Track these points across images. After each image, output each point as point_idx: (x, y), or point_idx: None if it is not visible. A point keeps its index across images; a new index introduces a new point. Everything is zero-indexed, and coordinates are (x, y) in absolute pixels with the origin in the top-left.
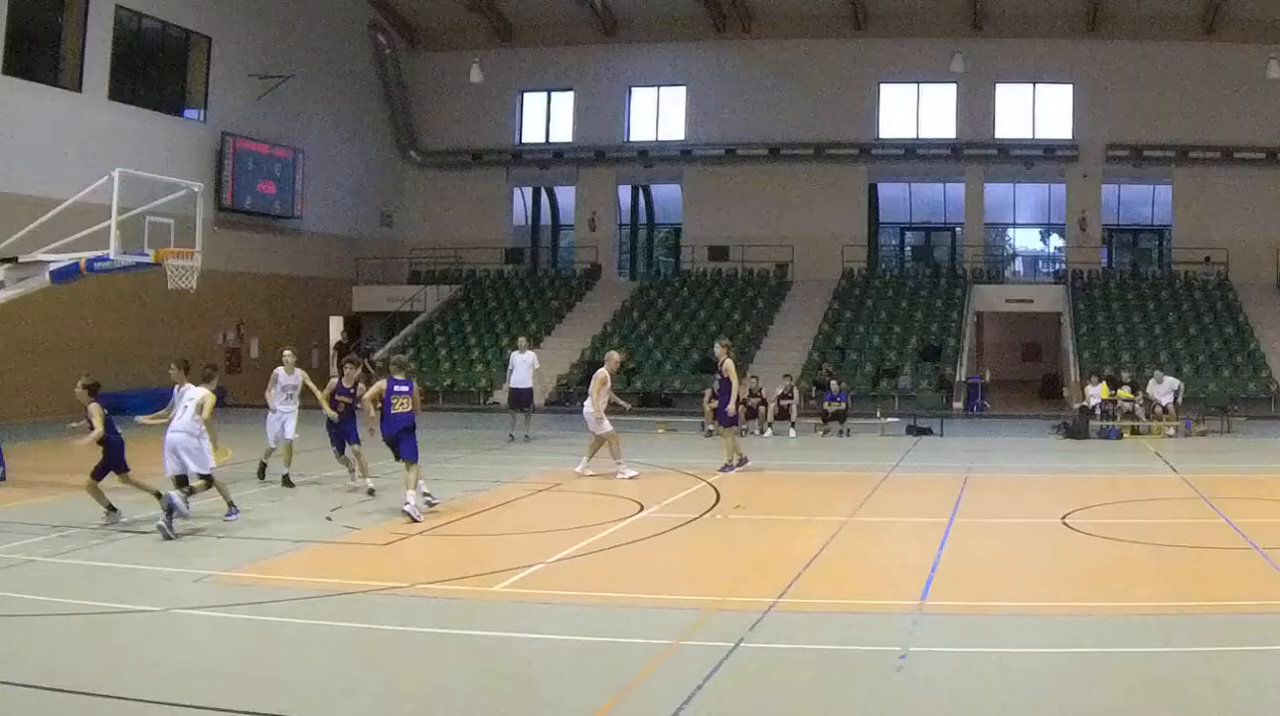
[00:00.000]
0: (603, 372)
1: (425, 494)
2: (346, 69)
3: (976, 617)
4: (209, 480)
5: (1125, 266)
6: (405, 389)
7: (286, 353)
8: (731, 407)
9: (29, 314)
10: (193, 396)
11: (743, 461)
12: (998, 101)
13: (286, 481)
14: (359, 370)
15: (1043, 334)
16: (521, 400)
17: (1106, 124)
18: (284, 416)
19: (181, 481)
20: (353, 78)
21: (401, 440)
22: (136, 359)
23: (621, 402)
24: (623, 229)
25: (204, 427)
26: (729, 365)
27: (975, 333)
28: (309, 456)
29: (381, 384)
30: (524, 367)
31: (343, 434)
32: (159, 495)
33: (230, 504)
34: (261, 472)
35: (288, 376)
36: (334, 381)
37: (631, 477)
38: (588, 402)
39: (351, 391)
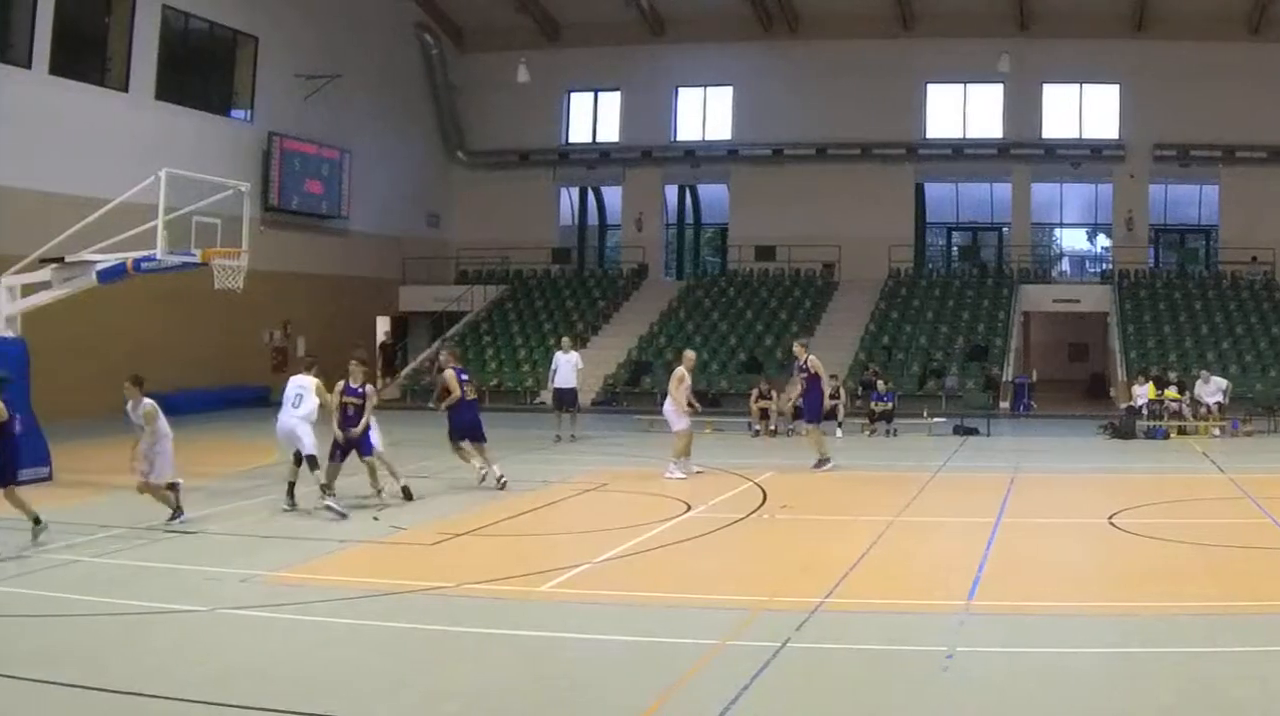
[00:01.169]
0: (680, 370)
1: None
2: (393, 69)
3: (1023, 617)
4: (313, 461)
5: (1172, 266)
6: (466, 376)
7: (352, 363)
8: (827, 403)
9: (75, 313)
10: (305, 385)
11: (822, 462)
12: (1044, 101)
13: (407, 494)
14: (365, 368)
15: (1089, 334)
16: (566, 400)
17: (1153, 124)
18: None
19: (311, 460)
20: (400, 78)
21: (476, 424)
22: (183, 359)
23: (694, 403)
24: (669, 229)
25: (325, 411)
26: (814, 361)
27: (1022, 332)
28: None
29: (452, 375)
30: (568, 368)
31: (351, 444)
32: (36, 521)
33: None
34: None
35: (354, 388)
36: (341, 383)
37: (679, 479)
38: (667, 402)
39: (360, 391)
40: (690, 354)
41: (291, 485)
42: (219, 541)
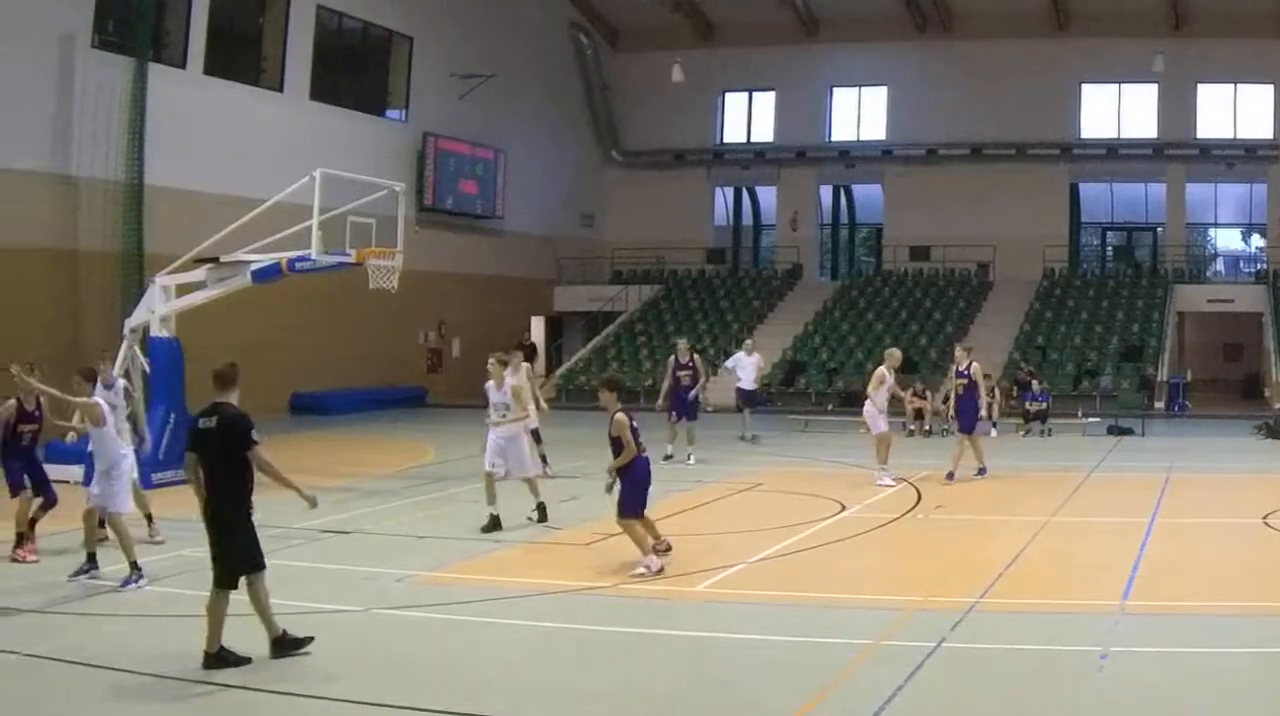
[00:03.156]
0: (881, 370)
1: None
2: (548, 69)
3: (1178, 617)
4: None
5: None
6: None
7: (491, 361)
8: (983, 410)
9: (230, 314)
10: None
11: (979, 471)
12: (1199, 101)
13: (543, 513)
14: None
15: (1244, 334)
16: (752, 400)
17: None
18: (501, 441)
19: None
20: (554, 77)
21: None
22: (338, 359)
23: (904, 397)
24: (824, 229)
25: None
26: (977, 368)
27: (1176, 333)
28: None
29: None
30: (750, 368)
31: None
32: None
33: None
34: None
35: (496, 392)
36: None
37: (888, 486)
38: (867, 403)
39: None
40: (894, 352)
41: (543, 457)
42: (374, 541)
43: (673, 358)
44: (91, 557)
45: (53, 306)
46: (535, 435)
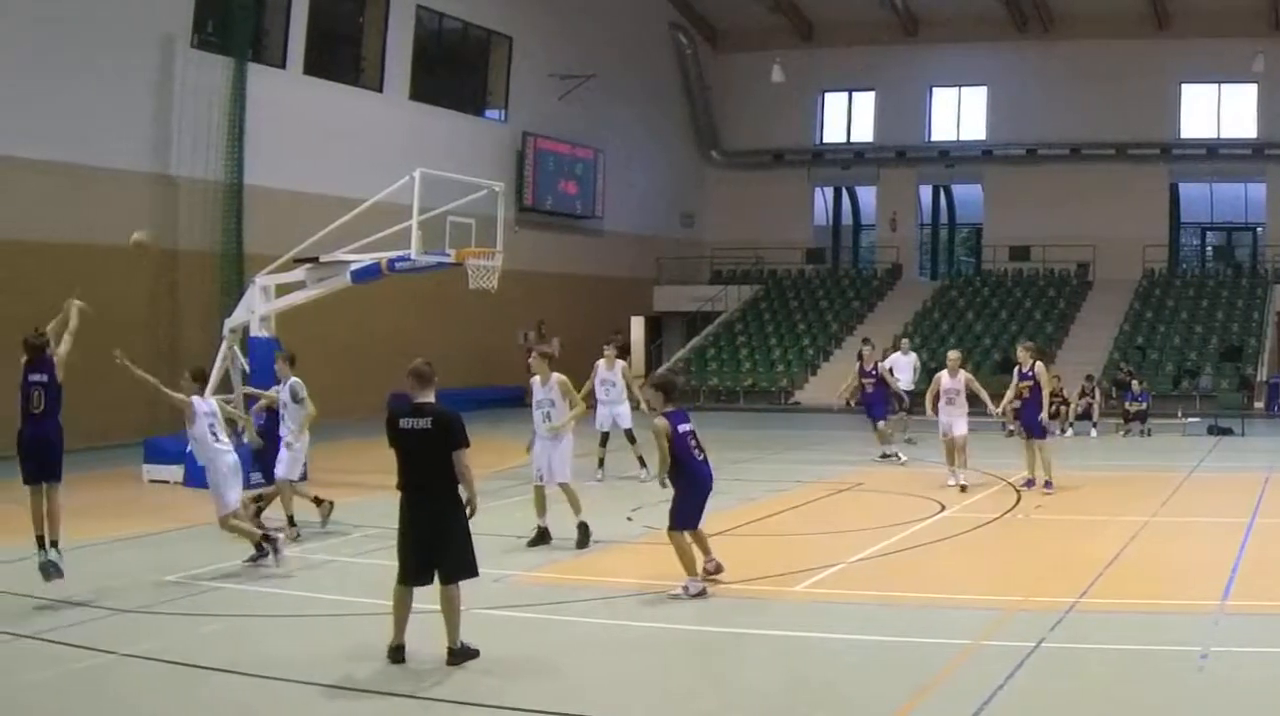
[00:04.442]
0: (940, 373)
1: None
2: (647, 69)
3: (1278, 618)
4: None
5: None
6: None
7: (534, 356)
8: (1044, 416)
9: (330, 314)
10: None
11: (1030, 482)
12: None
13: (583, 535)
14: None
15: None
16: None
17: None
18: (549, 446)
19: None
20: (654, 77)
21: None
22: (437, 359)
23: (989, 404)
24: (923, 229)
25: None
26: (1041, 368)
27: (1276, 333)
28: (609, 457)
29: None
30: (906, 369)
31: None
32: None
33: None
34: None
35: (541, 389)
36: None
37: (950, 487)
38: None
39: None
40: (950, 354)
41: (640, 458)
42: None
43: (858, 363)
44: (260, 543)
45: (152, 306)
46: (629, 435)
